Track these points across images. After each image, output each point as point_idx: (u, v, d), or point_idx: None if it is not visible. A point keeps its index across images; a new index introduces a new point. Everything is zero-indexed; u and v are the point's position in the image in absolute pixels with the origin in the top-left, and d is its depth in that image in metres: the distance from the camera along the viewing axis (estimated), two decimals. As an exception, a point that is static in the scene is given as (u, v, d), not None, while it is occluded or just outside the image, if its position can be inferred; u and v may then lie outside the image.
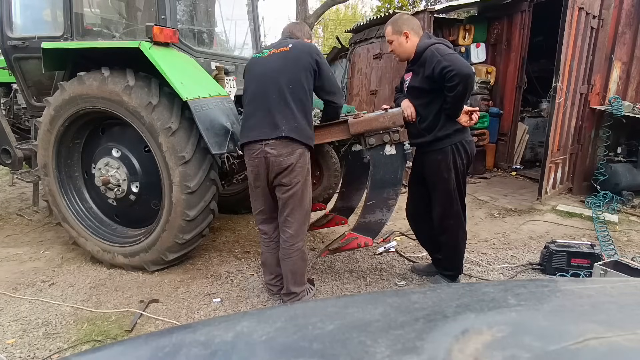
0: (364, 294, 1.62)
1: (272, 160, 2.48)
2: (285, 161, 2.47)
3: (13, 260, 3.53)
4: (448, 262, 3.00)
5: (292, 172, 2.49)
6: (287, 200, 2.57)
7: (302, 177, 2.54)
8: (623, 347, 0.55)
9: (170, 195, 2.98)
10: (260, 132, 2.50)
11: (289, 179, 2.51)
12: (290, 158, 2.47)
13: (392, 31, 2.75)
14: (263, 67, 2.58)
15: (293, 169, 2.49)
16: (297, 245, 2.64)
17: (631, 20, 5.17)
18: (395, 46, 2.78)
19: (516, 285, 0.81)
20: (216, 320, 0.70)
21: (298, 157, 2.49)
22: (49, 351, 2.36)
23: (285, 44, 2.60)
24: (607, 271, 2.82)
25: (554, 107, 4.75)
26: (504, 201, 5.33)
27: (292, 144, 2.48)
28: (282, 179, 2.52)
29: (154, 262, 3.21)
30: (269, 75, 2.53)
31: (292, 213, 2.59)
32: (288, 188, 2.54)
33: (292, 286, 2.72)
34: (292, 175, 2.50)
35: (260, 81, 2.56)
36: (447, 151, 2.72)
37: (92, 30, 3.58)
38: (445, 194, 2.79)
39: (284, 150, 2.46)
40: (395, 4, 13.74)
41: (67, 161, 3.47)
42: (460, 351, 0.54)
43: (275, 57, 2.57)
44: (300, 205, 2.59)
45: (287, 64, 2.52)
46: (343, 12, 24.97)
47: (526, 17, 6.35)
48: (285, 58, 2.54)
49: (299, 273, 2.71)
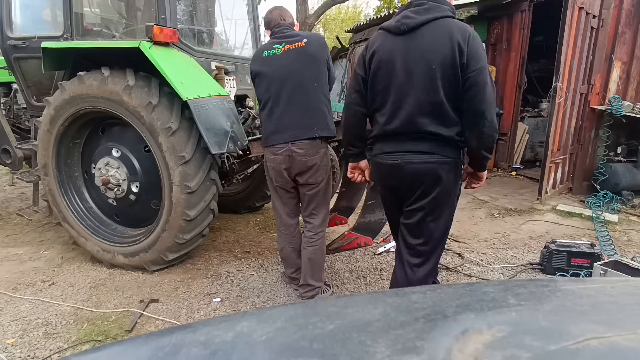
0: (364, 294, 1.62)
1: (298, 159, 2.52)
2: (310, 160, 2.53)
3: (13, 260, 3.53)
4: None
5: (317, 171, 2.57)
6: (313, 197, 2.67)
7: (325, 175, 2.64)
8: (623, 347, 0.55)
9: (170, 195, 2.98)
10: (292, 133, 2.52)
11: (315, 178, 2.59)
12: (315, 158, 2.53)
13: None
14: (282, 66, 2.53)
15: (318, 168, 2.56)
16: (320, 235, 2.73)
17: (631, 20, 5.17)
18: None
19: (516, 285, 0.81)
20: (216, 320, 0.70)
21: (322, 156, 2.57)
22: (49, 351, 2.36)
23: (298, 38, 2.56)
24: (607, 271, 2.82)
25: (554, 107, 4.75)
26: (504, 201, 5.33)
27: (318, 144, 2.54)
28: (308, 178, 2.58)
29: (154, 262, 3.21)
30: (294, 74, 2.51)
31: (317, 208, 2.71)
32: (313, 186, 2.63)
33: (310, 278, 2.75)
34: (317, 174, 2.58)
35: (284, 80, 2.52)
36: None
37: (92, 30, 3.59)
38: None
39: (311, 150, 2.52)
40: (395, 4, 13.73)
41: (67, 161, 3.46)
42: (460, 351, 0.54)
43: (293, 55, 2.53)
44: (324, 200, 2.73)
45: (308, 60, 2.53)
46: (344, 12, 24.94)
47: (526, 17, 6.35)
48: (304, 54, 2.53)
49: (318, 265, 2.76)
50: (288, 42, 2.56)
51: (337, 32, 15.53)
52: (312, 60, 2.53)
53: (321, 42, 2.62)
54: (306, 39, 2.56)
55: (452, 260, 3.53)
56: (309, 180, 2.59)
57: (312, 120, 2.51)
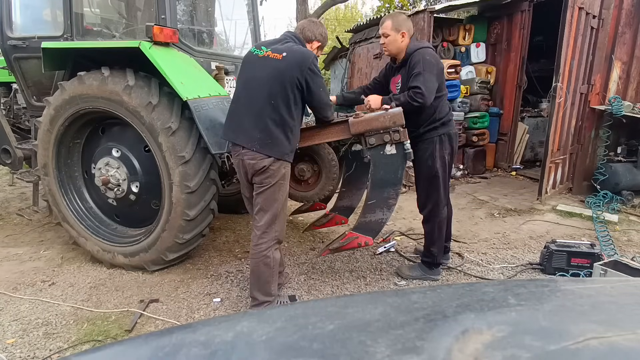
0: (364, 294, 1.62)
1: (247, 163, 2.48)
2: (259, 163, 2.45)
3: (13, 260, 3.53)
4: (426, 249, 3.19)
5: (264, 173, 2.47)
6: (257, 198, 2.55)
7: (274, 180, 2.49)
8: (623, 347, 0.55)
9: (170, 195, 2.98)
10: (239, 136, 2.50)
11: (261, 179, 2.50)
12: (263, 161, 2.44)
13: (391, 26, 2.87)
14: (254, 71, 2.50)
15: (266, 170, 2.46)
16: (260, 248, 2.55)
17: (631, 20, 5.17)
18: (389, 41, 2.90)
19: (516, 285, 0.81)
20: (216, 320, 0.70)
21: (272, 161, 2.45)
22: (49, 351, 2.36)
23: (281, 50, 2.47)
24: (607, 271, 2.82)
25: (554, 107, 4.75)
26: (504, 201, 5.33)
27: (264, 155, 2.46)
28: (255, 177, 2.52)
29: (154, 262, 3.21)
30: (257, 83, 2.46)
31: (260, 212, 2.56)
32: (258, 186, 2.53)
33: (255, 290, 2.63)
34: (263, 176, 2.48)
35: (248, 85, 2.51)
36: (434, 141, 2.94)
37: (92, 30, 3.58)
38: (426, 181, 3.02)
39: (257, 156, 2.45)
40: (396, 4, 13.73)
41: (67, 161, 3.46)
42: (460, 351, 0.54)
43: (267, 63, 2.46)
44: (270, 207, 2.54)
45: (275, 75, 2.41)
46: (343, 12, 24.94)
47: (526, 17, 6.35)
48: (275, 68, 2.42)
49: (262, 280, 2.59)
50: (272, 49, 2.49)
51: (337, 32, 15.52)
52: (281, 77, 2.40)
53: (300, 62, 2.42)
54: (286, 53, 2.44)
55: (452, 260, 3.53)
56: (255, 179, 2.52)
57: (254, 134, 2.44)
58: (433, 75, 2.76)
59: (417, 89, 2.68)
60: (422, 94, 2.67)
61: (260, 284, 2.60)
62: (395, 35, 2.86)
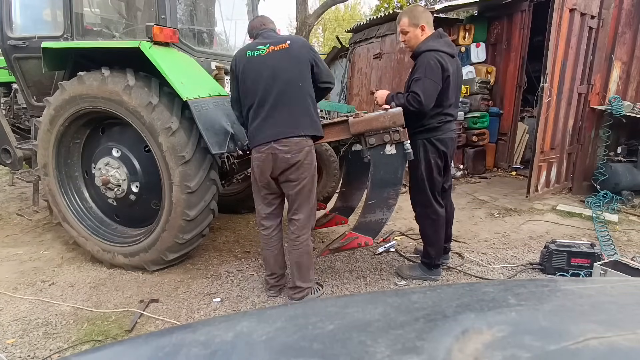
0: (364, 294, 1.62)
1: (280, 157, 2.52)
2: (293, 158, 2.52)
3: (13, 260, 3.53)
4: (424, 249, 3.19)
5: (299, 168, 2.56)
6: (296, 195, 2.64)
7: (309, 174, 2.61)
8: (623, 347, 0.55)
9: (170, 195, 2.98)
10: (276, 131, 2.53)
11: (297, 175, 2.57)
12: (298, 155, 2.52)
13: (408, 22, 2.83)
14: (267, 67, 2.55)
15: (301, 165, 2.55)
16: (303, 237, 2.70)
17: (631, 20, 5.17)
18: (410, 37, 2.86)
19: (516, 285, 0.81)
20: (216, 320, 0.70)
21: (305, 154, 2.56)
22: (49, 351, 2.36)
23: (281, 40, 2.62)
24: (607, 271, 2.82)
25: (541, 107, 4.78)
26: (504, 201, 5.33)
27: (303, 141, 2.55)
28: (290, 175, 2.58)
29: (154, 262, 3.21)
30: (279, 75, 2.53)
31: (300, 207, 2.68)
32: (296, 184, 2.60)
33: (298, 280, 2.75)
34: (299, 171, 2.57)
35: (269, 81, 2.54)
36: (418, 145, 2.87)
37: (92, 30, 3.58)
38: (414, 182, 3.01)
39: (294, 148, 2.52)
40: (395, 3, 13.73)
41: (67, 161, 3.46)
42: (460, 351, 0.54)
43: (277, 56, 2.56)
44: (307, 200, 2.68)
45: (291, 61, 2.56)
46: (343, 12, 24.95)
47: (526, 17, 6.35)
48: (288, 55, 2.56)
49: (305, 267, 2.74)
50: (272, 43, 2.60)
51: (338, 32, 15.53)
52: (297, 61, 2.56)
53: (304, 44, 2.67)
54: (289, 40, 2.62)
55: (452, 260, 3.53)
56: (290, 177, 2.58)
57: (297, 120, 2.54)
58: (434, 82, 2.71)
59: (416, 95, 2.67)
60: (420, 101, 2.66)
61: (302, 272, 2.74)
62: (415, 30, 2.81)
